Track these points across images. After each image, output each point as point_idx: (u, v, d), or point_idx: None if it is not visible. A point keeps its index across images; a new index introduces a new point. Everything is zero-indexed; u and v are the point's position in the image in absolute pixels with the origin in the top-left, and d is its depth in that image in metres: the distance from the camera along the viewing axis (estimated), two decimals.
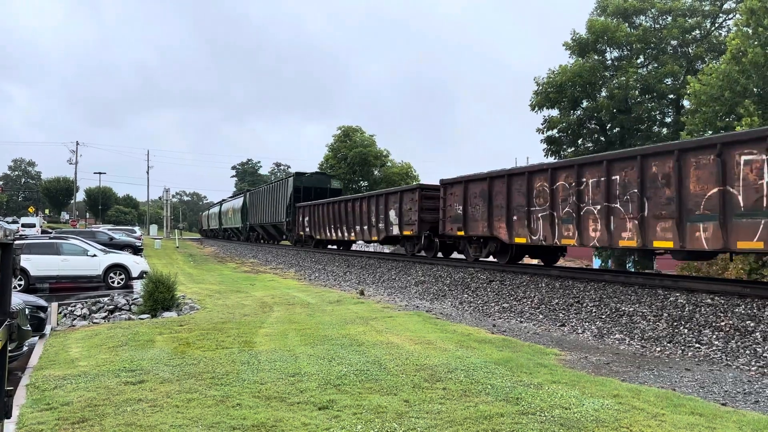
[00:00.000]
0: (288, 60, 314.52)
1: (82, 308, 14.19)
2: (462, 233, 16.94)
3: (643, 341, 9.17)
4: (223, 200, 68.53)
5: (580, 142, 37.91)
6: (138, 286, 17.79)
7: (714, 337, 8.66)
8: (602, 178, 12.05)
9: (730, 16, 34.84)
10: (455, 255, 21.00)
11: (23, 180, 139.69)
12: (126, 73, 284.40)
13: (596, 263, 36.50)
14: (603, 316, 10.56)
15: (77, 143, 78.02)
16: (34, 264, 18.89)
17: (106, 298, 15.21)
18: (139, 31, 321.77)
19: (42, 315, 10.93)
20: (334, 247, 33.93)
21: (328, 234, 28.36)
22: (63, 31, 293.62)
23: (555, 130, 36.97)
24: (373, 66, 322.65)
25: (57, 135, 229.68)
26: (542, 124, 37.38)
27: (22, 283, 18.48)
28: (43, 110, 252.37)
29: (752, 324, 8.57)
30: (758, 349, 7.94)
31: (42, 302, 11.39)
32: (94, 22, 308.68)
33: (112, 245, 28.74)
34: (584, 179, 12.61)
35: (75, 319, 13.24)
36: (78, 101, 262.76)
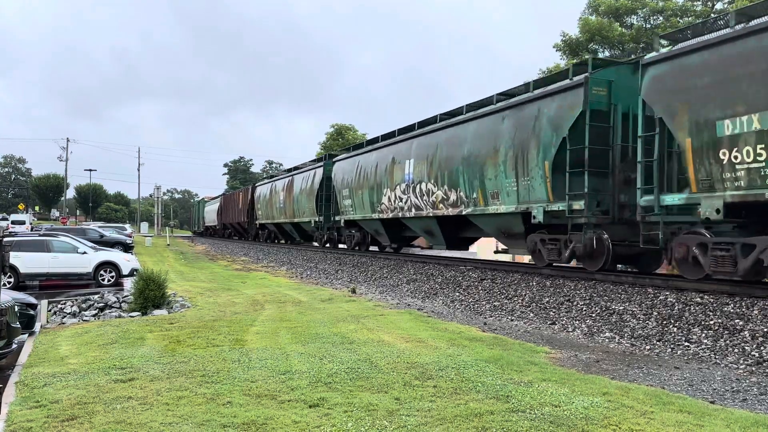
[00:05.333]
0: (276, 49, 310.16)
1: (72, 306, 14.12)
2: None
3: (632, 339, 9.22)
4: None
5: None
6: (128, 283, 17.71)
7: (703, 335, 8.72)
8: None
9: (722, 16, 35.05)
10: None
11: (13, 177, 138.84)
12: (105, 61, 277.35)
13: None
14: (593, 315, 10.61)
15: (68, 140, 77.68)
16: (24, 261, 18.77)
17: (96, 296, 15.15)
18: (116, 14, 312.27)
19: (32, 312, 10.86)
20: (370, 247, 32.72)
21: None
22: (32, 12, 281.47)
23: None
24: (365, 57, 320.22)
25: (37, 128, 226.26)
26: None
27: (12, 280, 18.35)
28: (20, 102, 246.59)
29: (741, 323, 8.63)
30: (746, 348, 8.00)
31: (32, 300, 11.32)
32: (64, 2, 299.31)
33: (103, 243, 28.60)
34: None
35: (65, 316, 13.17)
36: (57, 92, 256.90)
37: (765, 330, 8.21)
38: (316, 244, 32.23)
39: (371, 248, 25.54)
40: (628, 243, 12.22)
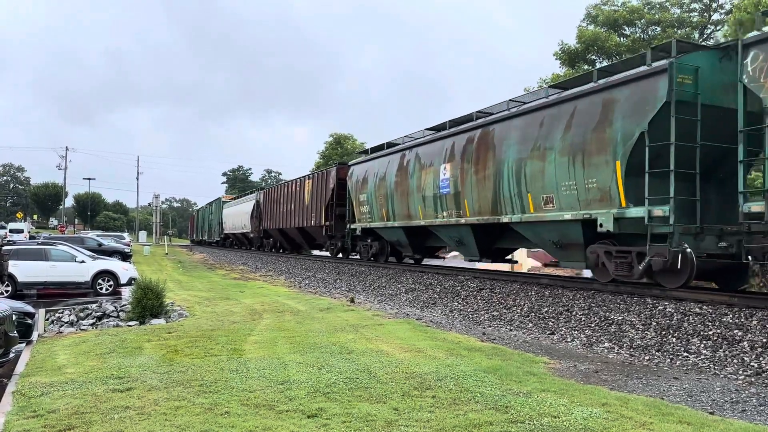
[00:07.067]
0: (273, 51, 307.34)
1: (69, 315, 14.08)
2: None
3: (631, 350, 9.21)
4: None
5: None
6: (126, 292, 17.68)
7: (702, 346, 8.71)
8: None
9: (719, 27, 35.28)
10: None
11: (12, 185, 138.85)
12: (98, 64, 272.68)
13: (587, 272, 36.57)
14: (592, 325, 10.60)
15: (66, 149, 77.88)
16: (22, 270, 18.74)
17: (94, 305, 15.09)
18: (109, 16, 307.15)
19: (29, 321, 10.84)
20: (327, 253, 29.49)
21: None
22: (24, 13, 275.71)
23: None
24: (364, 59, 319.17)
25: (31, 132, 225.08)
26: None
27: (10, 289, 18.32)
28: (13, 106, 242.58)
29: (740, 333, 8.63)
30: (746, 359, 8.00)
31: (29, 308, 11.29)
32: (55, 4, 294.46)
33: (101, 251, 28.56)
34: None
35: (62, 325, 13.14)
36: (50, 95, 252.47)
37: (764, 340, 8.21)
38: (596, 278, 12.89)
39: None
40: None
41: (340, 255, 27.35)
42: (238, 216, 45.76)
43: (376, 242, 23.18)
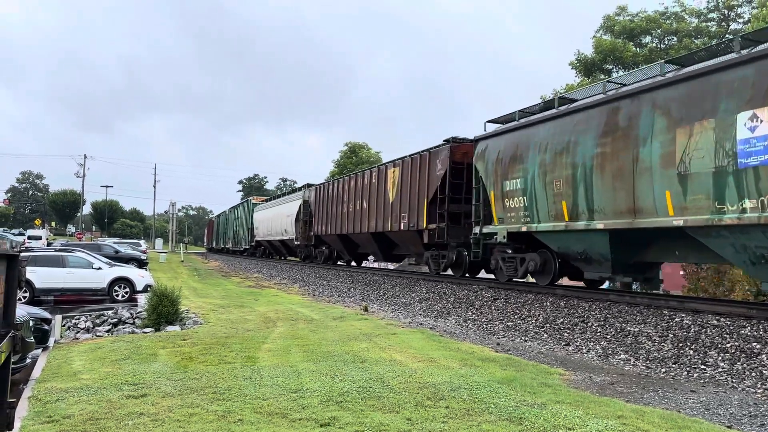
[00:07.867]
0: (286, 60, 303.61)
1: (86, 321, 14.21)
2: None
3: (648, 362, 9.10)
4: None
5: None
6: (142, 299, 17.82)
7: (720, 358, 8.59)
8: None
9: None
10: None
11: (30, 192, 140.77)
12: (112, 72, 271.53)
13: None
14: (608, 336, 10.50)
15: (85, 156, 78.87)
16: (40, 276, 18.97)
17: (110, 311, 15.22)
18: (120, 23, 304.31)
19: (46, 327, 10.96)
20: (342, 263, 28.94)
21: None
22: (33, 18, 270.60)
23: None
24: (378, 66, 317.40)
25: (45, 139, 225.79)
26: None
27: (27, 295, 18.53)
28: (28, 114, 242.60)
29: (758, 346, 8.50)
30: (764, 372, 7.87)
31: (46, 314, 11.42)
32: (65, 8, 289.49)
33: (118, 258, 28.82)
34: None
35: (79, 331, 13.25)
36: (65, 103, 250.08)
37: None
38: None
39: None
40: None
41: (450, 272, 19.32)
42: (276, 219, 36.99)
43: (532, 254, 15.05)
